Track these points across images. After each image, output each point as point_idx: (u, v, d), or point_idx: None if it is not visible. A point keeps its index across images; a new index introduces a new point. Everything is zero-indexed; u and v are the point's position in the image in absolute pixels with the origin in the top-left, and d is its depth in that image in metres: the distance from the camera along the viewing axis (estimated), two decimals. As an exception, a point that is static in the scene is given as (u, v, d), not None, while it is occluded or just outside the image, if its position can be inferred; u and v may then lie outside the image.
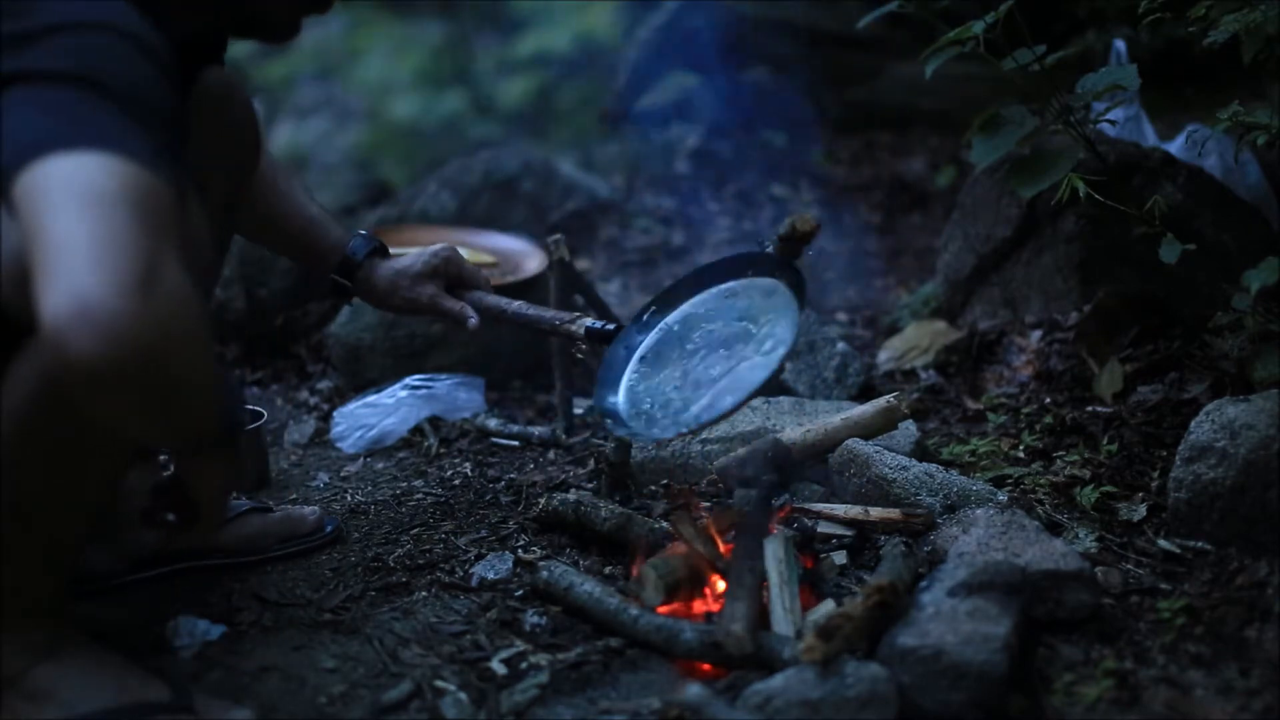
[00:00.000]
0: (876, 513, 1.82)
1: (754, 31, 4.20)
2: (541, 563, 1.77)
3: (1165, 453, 1.98)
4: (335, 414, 2.40)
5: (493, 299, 1.96)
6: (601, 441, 2.17)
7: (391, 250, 2.01)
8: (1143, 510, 1.87)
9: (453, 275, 1.97)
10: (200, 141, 1.62)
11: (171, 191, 1.17)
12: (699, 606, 1.67)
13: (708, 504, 1.94)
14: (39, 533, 1.37)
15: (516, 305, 1.94)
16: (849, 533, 1.82)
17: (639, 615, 1.61)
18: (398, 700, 1.50)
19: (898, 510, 1.81)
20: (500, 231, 2.92)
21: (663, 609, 1.65)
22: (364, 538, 1.92)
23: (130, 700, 1.41)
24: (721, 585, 1.67)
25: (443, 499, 2.07)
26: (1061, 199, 2.03)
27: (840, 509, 1.84)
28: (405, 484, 2.15)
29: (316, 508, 1.92)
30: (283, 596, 1.73)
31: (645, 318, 1.84)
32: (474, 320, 1.93)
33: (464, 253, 2.67)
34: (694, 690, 1.41)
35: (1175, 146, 2.57)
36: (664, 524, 1.83)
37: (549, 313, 1.92)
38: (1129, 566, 1.74)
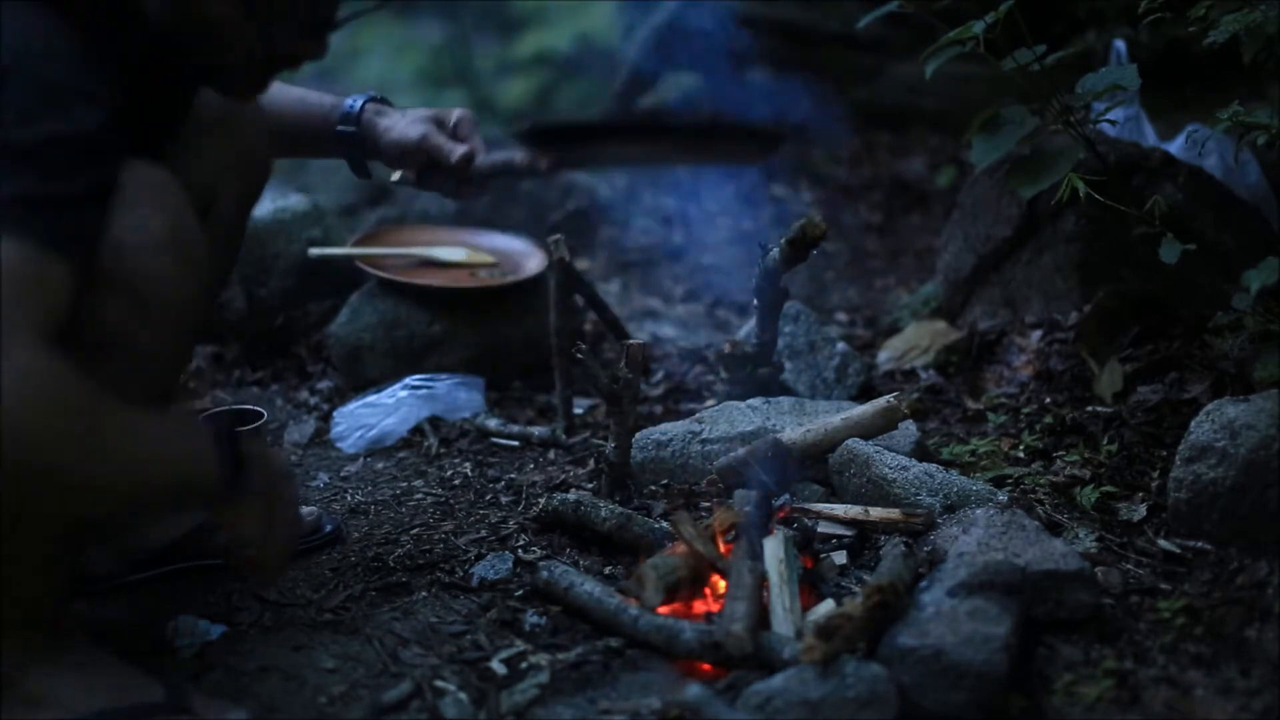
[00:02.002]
0: (876, 513, 1.81)
1: (754, 31, 4.20)
2: (541, 563, 1.77)
3: (1165, 453, 1.98)
4: (335, 414, 2.40)
5: (480, 159, 1.85)
6: (601, 442, 2.17)
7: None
8: (1143, 510, 1.87)
9: (445, 127, 1.88)
10: (211, 162, 1.63)
11: (44, 259, 1.16)
12: (699, 606, 1.67)
13: (708, 504, 1.94)
14: (33, 548, 1.37)
15: (492, 156, 1.85)
16: (849, 533, 1.81)
17: (639, 615, 1.61)
18: (398, 700, 1.50)
19: (898, 510, 1.81)
20: (500, 231, 2.92)
21: (663, 609, 1.65)
22: (364, 538, 1.92)
23: (127, 702, 1.41)
24: (721, 585, 1.67)
25: (443, 499, 2.07)
26: (1061, 199, 2.03)
27: (840, 509, 1.84)
28: (405, 484, 2.15)
29: (315, 508, 1.92)
30: (283, 596, 1.73)
31: None
32: (461, 149, 1.83)
33: (463, 253, 2.71)
34: (694, 690, 1.41)
35: (1175, 146, 2.57)
36: (664, 524, 1.83)
37: (516, 153, 1.83)
38: (1129, 566, 1.74)
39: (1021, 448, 2.10)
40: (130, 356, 1.34)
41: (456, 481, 2.15)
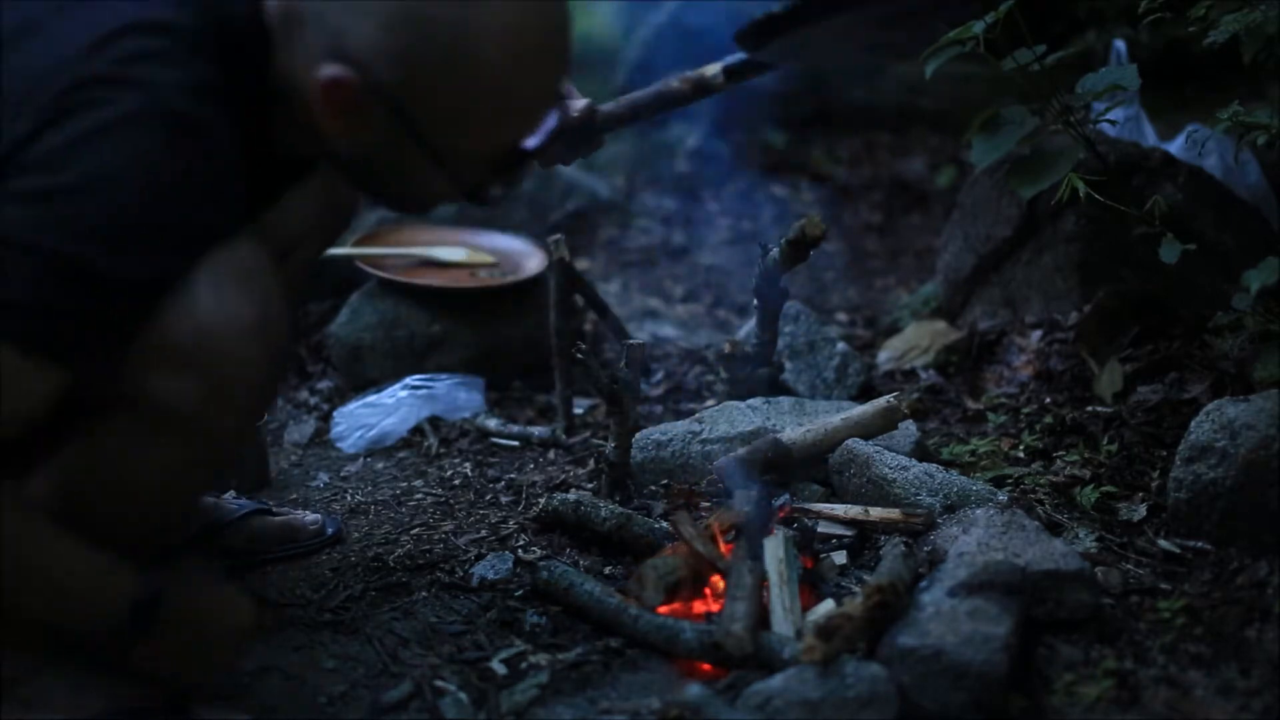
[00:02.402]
0: (876, 513, 1.81)
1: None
2: (541, 563, 1.76)
3: (1165, 453, 1.98)
4: (335, 414, 2.40)
5: (605, 107, 1.82)
6: (601, 442, 2.17)
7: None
8: (1143, 510, 1.87)
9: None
10: (300, 213, 1.61)
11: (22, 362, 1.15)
12: (699, 606, 1.67)
13: (708, 504, 1.94)
14: None
15: (630, 97, 1.83)
16: (849, 533, 1.82)
17: (639, 615, 1.61)
18: (398, 700, 1.50)
19: (898, 510, 1.81)
20: (500, 231, 2.92)
21: (663, 609, 1.65)
22: (364, 538, 1.92)
23: (124, 705, 1.41)
24: (722, 585, 1.67)
25: (443, 499, 2.07)
26: (1061, 199, 2.03)
27: (840, 509, 1.84)
28: (405, 484, 2.15)
29: (318, 515, 1.91)
30: (283, 596, 1.73)
31: None
32: (581, 101, 1.78)
33: (463, 253, 2.71)
34: (694, 690, 1.41)
35: (1175, 146, 2.57)
36: (664, 524, 1.83)
37: (672, 80, 1.82)
38: (1129, 566, 1.74)
39: (1021, 448, 2.10)
40: (206, 439, 1.32)
41: (456, 481, 2.15)
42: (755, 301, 2.23)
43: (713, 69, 1.78)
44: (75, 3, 1.24)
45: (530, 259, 2.71)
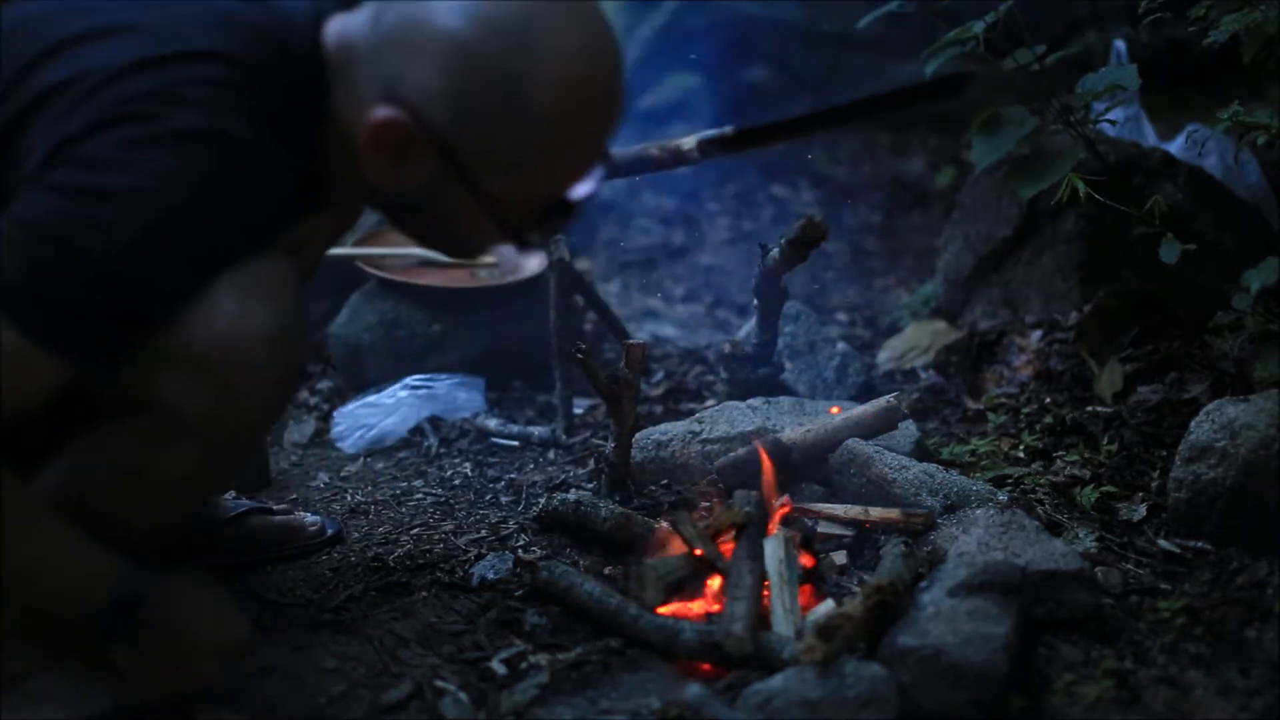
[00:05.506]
0: (876, 513, 1.81)
1: (754, 31, 4.20)
2: (541, 563, 1.76)
3: (1165, 453, 1.98)
4: (335, 414, 2.40)
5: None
6: (601, 442, 2.17)
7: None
8: (1143, 510, 1.87)
9: None
10: (326, 233, 1.61)
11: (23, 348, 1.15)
12: (699, 606, 1.67)
13: (708, 504, 1.94)
14: None
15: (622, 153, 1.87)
16: (849, 533, 1.82)
17: (639, 615, 1.61)
18: (398, 700, 1.50)
19: (898, 510, 1.81)
20: (500, 231, 2.91)
21: (663, 609, 1.65)
22: (364, 538, 1.92)
23: (126, 703, 1.41)
24: (721, 585, 1.67)
25: (443, 499, 2.07)
26: (1061, 199, 2.03)
27: (840, 509, 1.84)
28: (405, 484, 2.15)
29: (318, 517, 1.91)
30: (283, 596, 1.73)
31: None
32: None
33: (464, 252, 2.71)
34: (694, 690, 1.41)
35: (1175, 146, 2.57)
36: (664, 524, 1.83)
37: (651, 147, 1.88)
38: (1129, 566, 1.74)
39: (1021, 448, 2.10)
40: (215, 445, 1.34)
41: (456, 481, 2.15)
42: (755, 301, 2.23)
43: (689, 142, 1.84)
44: (145, 15, 1.26)
45: (530, 259, 2.71)
